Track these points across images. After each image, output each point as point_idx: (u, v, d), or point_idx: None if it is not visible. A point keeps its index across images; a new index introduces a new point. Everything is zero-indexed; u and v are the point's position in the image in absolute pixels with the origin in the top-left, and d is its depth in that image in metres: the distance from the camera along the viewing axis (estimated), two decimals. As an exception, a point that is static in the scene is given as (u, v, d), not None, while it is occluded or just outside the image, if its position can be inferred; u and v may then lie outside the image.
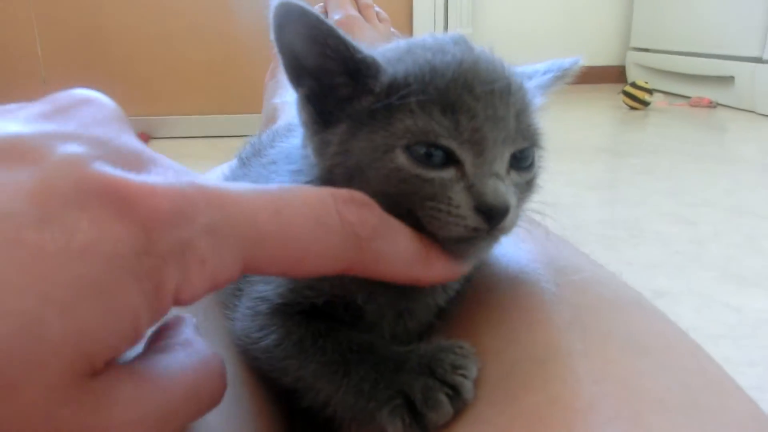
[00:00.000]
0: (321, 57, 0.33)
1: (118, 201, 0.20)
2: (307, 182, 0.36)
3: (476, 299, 0.40)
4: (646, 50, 3.42)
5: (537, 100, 0.38)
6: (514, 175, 0.35)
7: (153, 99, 2.54)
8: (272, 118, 1.05)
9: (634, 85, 2.83)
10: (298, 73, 0.34)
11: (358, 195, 0.29)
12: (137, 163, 0.22)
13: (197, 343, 0.26)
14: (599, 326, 0.34)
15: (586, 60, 0.41)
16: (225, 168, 0.59)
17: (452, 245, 0.32)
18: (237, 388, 0.36)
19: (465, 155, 0.33)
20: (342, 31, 0.32)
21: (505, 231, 0.33)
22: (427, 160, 0.32)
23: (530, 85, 0.39)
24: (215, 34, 2.43)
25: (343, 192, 0.28)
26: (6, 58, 2.48)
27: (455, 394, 0.31)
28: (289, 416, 0.40)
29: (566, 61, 0.41)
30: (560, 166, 1.90)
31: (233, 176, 0.53)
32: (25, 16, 2.42)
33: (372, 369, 0.33)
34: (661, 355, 0.32)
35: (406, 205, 0.32)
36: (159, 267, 0.20)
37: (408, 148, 0.32)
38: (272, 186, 0.26)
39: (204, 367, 0.25)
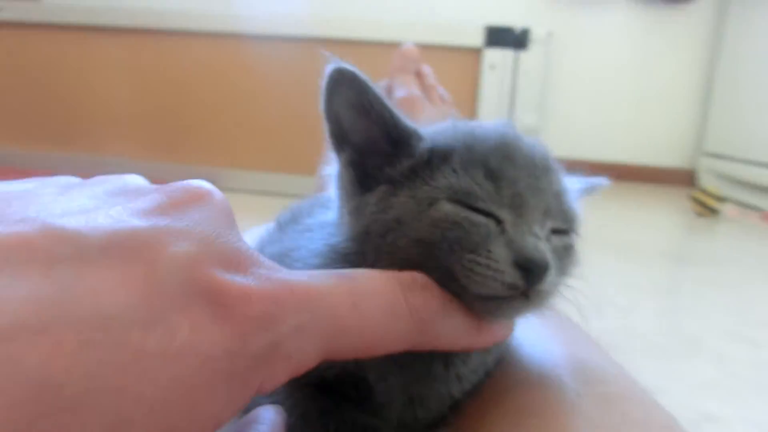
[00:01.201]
0: (365, 122, 0.35)
1: (218, 305, 0.21)
2: (339, 246, 0.37)
3: (491, 398, 0.38)
4: (720, 156, 3.31)
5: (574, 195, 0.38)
6: (556, 240, 0.34)
7: (217, 151, 2.64)
8: (321, 188, 1.06)
9: (704, 191, 2.74)
10: (341, 140, 0.36)
11: (419, 278, 0.30)
12: (238, 263, 0.23)
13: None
14: None
15: (653, 159, 0.41)
16: (263, 230, 0.59)
17: (483, 303, 0.32)
18: None
19: (505, 215, 0.33)
20: (387, 100, 0.34)
21: (541, 297, 0.32)
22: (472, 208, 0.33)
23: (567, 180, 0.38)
24: (288, 93, 2.53)
25: (407, 276, 0.29)
26: (93, 102, 2.66)
27: None
28: None
29: (595, 179, 0.42)
30: (616, 265, 1.82)
31: (269, 239, 0.54)
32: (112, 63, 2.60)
33: None
34: None
35: (444, 259, 0.32)
36: (249, 367, 0.22)
37: (454, 200, 0.33)
38: (344, 273, 0.27)
39: None
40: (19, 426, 0.16)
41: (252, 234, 0.71)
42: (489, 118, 2.34)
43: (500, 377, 0.39)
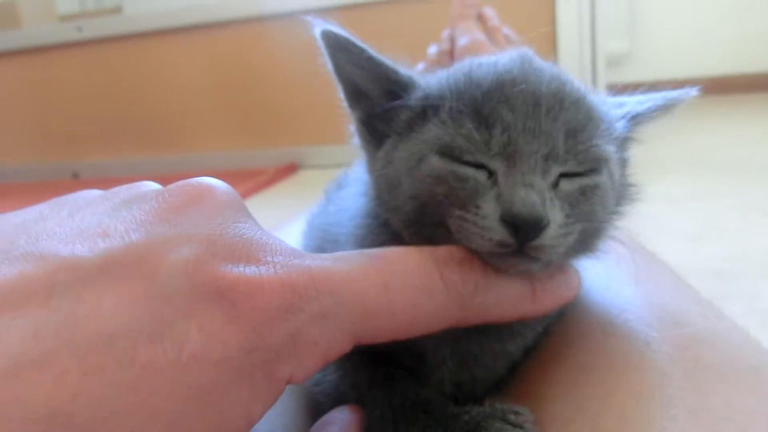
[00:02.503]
0: (364, 78, 0.35)
1: (228, 302, 0.20)
2: (368, 202, 0.37)
3: (552, 355, 0.36)
4: None
5: (619, 128, 0.34)
6: (567, 185, 0.31)
7: (300, 131, 2.69)
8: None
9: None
10: (354, 97, 0.36)
11: (456, 252, 0.29)
12: (248, 254, 0.22)
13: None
14: (690, 399, 0.28)
15: (756, 66, 0.35)
16: (314, 208, 0.59)
17: (489, 259, 0.30)
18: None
19: (497, 166, 0.31)
20: (376, 53, 0.34)
21: (546, 252, 0.29)
22: (460, 161, 0.31)
23: (614, 112, 0.35)
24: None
25: (443, 252, 0.28)
26: (178, 102, 2.80)
27: None
28: None
29: (677, 92, 0.36)
30: (722, 186, 1.67)
31: (318, 211, 0.54)
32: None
33: (421, 430, 0.31)
34: None
35: (437, 215, 0.31)
36: (270, 360, 0.21)
37: (441, 153, 0.32)
38: (375, 253, 0.26)
39: None
40: None
41: (297, 223, 0.71)
42: (570, 52, 2.22)
43: (563, 331, 0.37)
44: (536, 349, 0.37)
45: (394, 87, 0.34)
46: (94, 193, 0.27)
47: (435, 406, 0.33)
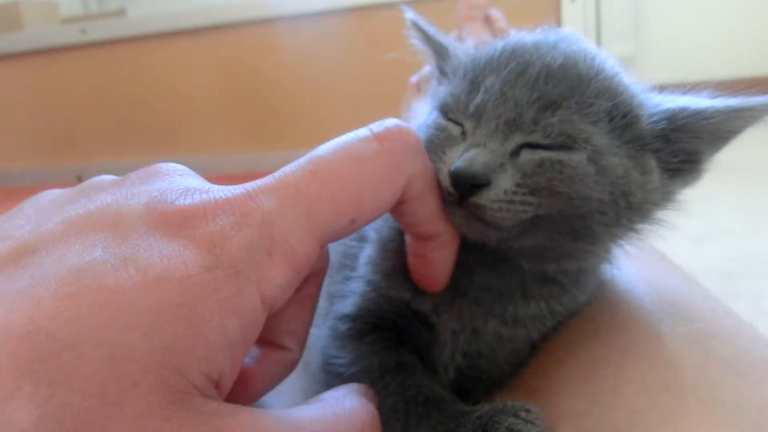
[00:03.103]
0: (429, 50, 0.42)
1: (181, 231, 0.23)
2: None
3: (565, 349, 0.36)
4: None
5: (637, 122, 0.33)
6: (527, 155, 0.31)
7: (305, 134, 2.70)
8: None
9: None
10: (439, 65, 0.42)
11: (391, 120, 0.30)
12: (193, 192, 0.25)
13: (345, 400, 0.28)
14: (701, 392, 0.28)
15: (762, 69, 0.34)
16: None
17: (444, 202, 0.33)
18: None
19: (468, 125, 0.34)
20: (434, 31, 0.41)
21: (486, 214, 0.31)
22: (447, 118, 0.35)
23: (642, 104, 0.34)
24: (364, 73, 2.52)
25: (378, 122, 0.29)
26: (182, 105, 2.80)
27: None
28: None
29: (756, 99, 0.34)
30: (727, 187, 1.66)
31: None
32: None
33: (431, 428, 0.32)
34: None
35: (431, 157, 0.33)
36: (233, 276, 0.22)
37: (439, 109, 0.36)
38: (309, 155, 0.27)
39: (347, 416, 0.27)
40: (31, 366, 0.19)
41: None
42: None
43: (575, 326, 0.37)
44: (548, 343, 0.37)
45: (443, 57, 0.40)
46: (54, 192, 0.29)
47: (447, 403, 0.33)
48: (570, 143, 0.31)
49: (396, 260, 0.38)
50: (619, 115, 0.33)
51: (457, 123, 0.35)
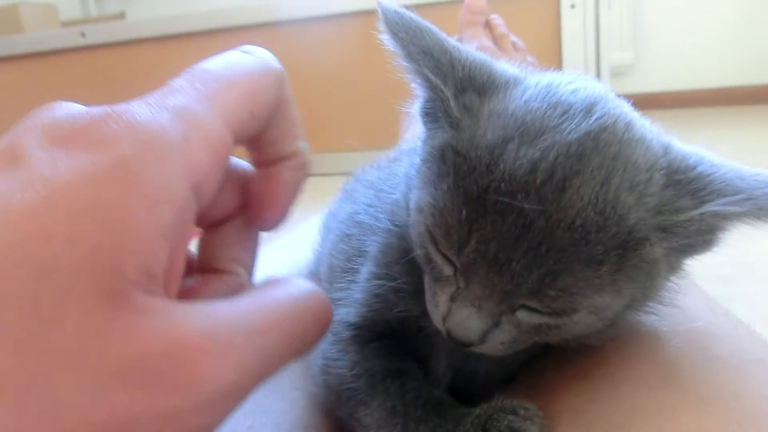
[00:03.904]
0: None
1: (84, 138, 0.22)
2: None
3: (564, 349, 0.36)
4: None
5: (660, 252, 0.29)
6: (524, 316, 0.30)
7: (312, 138, 2.68)
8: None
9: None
10: None
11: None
12: (95, 108, 0.24)
13: (293, 281, 0.26)
14: (699, 388, 0.28)
15: (761, 78, 0.33)
16: (328, 208, 0.58)
17: None
18: None
19: (460, 274, 0.31)
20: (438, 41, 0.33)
21: (486, 352, 0.32)
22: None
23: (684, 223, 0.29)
24: (372, 77, 2.52)
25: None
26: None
27: None
28: None
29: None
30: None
31: (335, 210, 0.55)
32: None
33: (431, 430, 0.32)
34: None
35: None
36: (150, 163, 0.21)
37: (427, 229, 0.32)
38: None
39: (303, 296, 0.25)
40: None
41: (308, 225, 0.71)
42: (575, 62, 2.22)
43: None
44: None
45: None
46: None
47: (446, 406, 0.34)
48: (570, 311, 0.29)
49: (403, 281, 0.38)
50: (630, 246, 0.28)
51: (448, 260, 0.31)
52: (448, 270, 0.31)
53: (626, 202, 0.28)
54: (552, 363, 0.36)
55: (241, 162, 0.30)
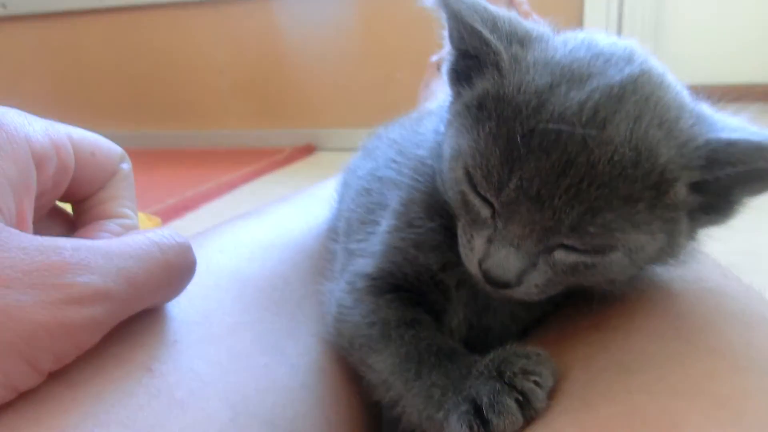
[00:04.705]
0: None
1: None
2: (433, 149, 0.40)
3: (575, 304, 0.38)
4: None
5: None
6: (561, 255, 0.31)
7: (318, 114, 2.69)
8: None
9: None
10: None
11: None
12: None
13: (161, 232, 0.31)
14: (708, 339, 0.29)
15: None
16: (347, 165, 0.59)
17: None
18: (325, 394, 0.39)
19: (499, 215, 0.32)
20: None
21: (514, 294, 0.32)
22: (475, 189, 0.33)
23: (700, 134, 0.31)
24: (377, 53, 2.51)
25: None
26: (197, 79, 2.80)
27: (525, 401, 0.29)
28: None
29: None
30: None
31: (355, 167, 0.55)
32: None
33: (444, 376, 0.33)
34: None
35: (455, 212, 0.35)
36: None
37: (465, 171, 0.33)
38: None
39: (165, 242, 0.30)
40: None
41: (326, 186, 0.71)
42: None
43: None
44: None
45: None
46: None
47: (459, 354, 0.35)
48: (607, 249, 0.31)
49: (425, 234, 0.39)
50: (662, 187, 0.30)
51: (486, 201, 0.32)
52: (485, 212, 0.33)
53: (655, 135, 0.30)
54: (564, 318, 0.37)
55: None
